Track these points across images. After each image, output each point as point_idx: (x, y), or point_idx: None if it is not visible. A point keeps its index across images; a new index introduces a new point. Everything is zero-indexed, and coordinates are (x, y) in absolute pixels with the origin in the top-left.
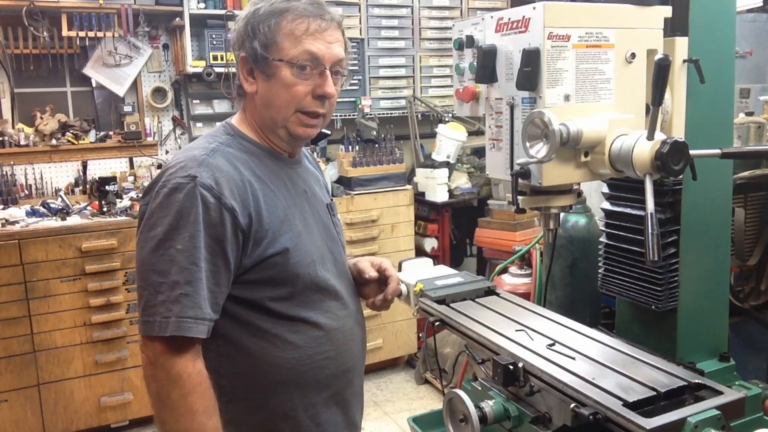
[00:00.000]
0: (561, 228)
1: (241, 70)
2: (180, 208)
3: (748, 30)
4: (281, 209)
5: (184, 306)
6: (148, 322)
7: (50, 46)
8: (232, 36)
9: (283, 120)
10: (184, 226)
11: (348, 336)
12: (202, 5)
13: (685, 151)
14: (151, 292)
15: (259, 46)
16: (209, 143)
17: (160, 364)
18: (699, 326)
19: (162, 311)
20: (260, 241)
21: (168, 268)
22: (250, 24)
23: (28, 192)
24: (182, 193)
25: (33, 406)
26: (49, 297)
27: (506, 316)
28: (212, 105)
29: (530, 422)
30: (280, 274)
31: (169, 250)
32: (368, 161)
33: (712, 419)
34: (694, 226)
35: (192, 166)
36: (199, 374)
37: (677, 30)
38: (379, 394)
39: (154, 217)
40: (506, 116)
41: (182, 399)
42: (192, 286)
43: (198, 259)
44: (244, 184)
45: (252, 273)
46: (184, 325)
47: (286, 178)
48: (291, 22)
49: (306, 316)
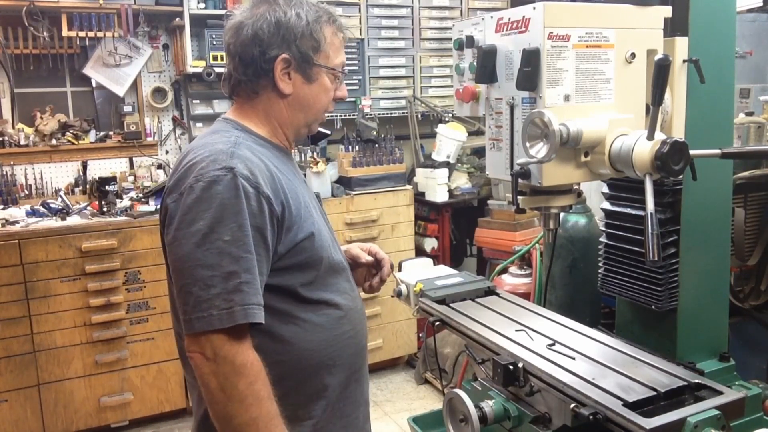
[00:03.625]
0: (561, 228)
1: (277, 68)
2: (222, 200)
3: (748, 30)
4: (300, 196)
5: (247, 294)
6: (202, 318)
7: (50, 46)
8: (248, 34)
9: (314, 121)
10: (229, 217)
11: (360, 314)
12: (202, 5)
13: (685, 151)
14: (201, 287)
15: (309, 50)
16: (228, 137)
17: (222, 357)
18: (699, 326)
19: (219, 304)
20: (291, 227)
21: (218, 261)
22: (295, 25)
23: (28, 192)
24: (221, 185)
25: (33, 406)
26: (49, 297)
27: (506, 316)
28: (212, 105)
29: (530, 422)
30: (309, 258)
31: (216, 242)
32: (368, 161)
33: (712, 419)
34: (694, 226)
35: (224, 159)
36: (259, 361)
37: (677, 30)
38: (379, 394)
39: (192, 212)
40: (506, 116)
41: (249, 387)
42: (250, 273)
43: (250, 246)
44: (272, 173)
45: (284, 259)
46: (251, 311)
47: (292, 167)
48: (335, 32)
49: (329, 298)
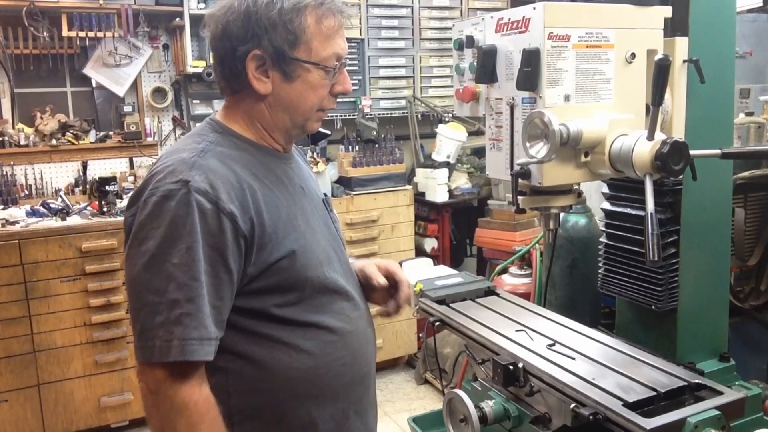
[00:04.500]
0: (561, 228)
1: (249, 67)
2: (173, 217)
3: (748, 30)
4: (283, 209)
5: (187, 327)
6: (146, 347)
7: (50, 46)
8: (218, 29)
9: (304, 121)
10: (179, 238)
11: (362, 338)
12: (202, 5)
13: (685, 151)
14: (147, 313)
15: (284, 44)
16: (197, 143)
17: (163, 392)
18: (699, 326)
19: (161, 334)
20: (264, 246)
21: (164, 286)
22: (265, 16)
23: (28, 192)
24: (174, 200)
25: (33, 406)
26: (49, 297)
27: (506, 316)
28: (212, 105)
29: (530, 422)
30: (288, 279)
31: (164, 265)
32: (368, 161)
33: (712, 419)
34: (694, 226)
35: (182, 170)
36: (207, 401)
37: (677, 30)
38: (379, 394)
39: (144, 230)
40: (506, 116)
41: (190, 429)
42: (194, 303)
43: (198, 273)
44: (242, 185)
45: (258, 281)
46: (189, 348)
47: (282, 174)
48: (320, 19)
49: (318, 321)
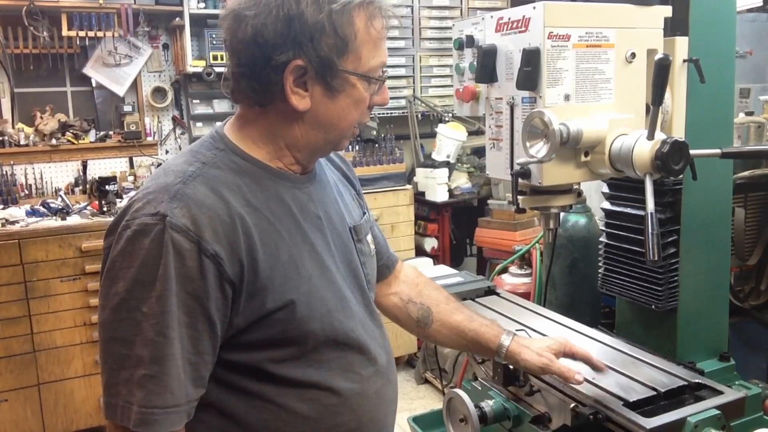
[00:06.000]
0: (561, 228)
1: (288, 79)
2: (144, 258)
3: (748, 30)
4: (284, 248)
5: (150, 392)
6: (110, 405)
7: (50, 45)
8: (246, 32)
9: (339, 138)
10: (149, 284)
11: (374, 401)
12: (202, 5)
13: (685, 151)
14: (112, 365)
15: (332, 53)
16: (189, 163)
17: None
18: (699, 326)
19: (124, 393)
20: (256, 293)
21: (132, 337)
22: (312, 19)
23: (28, 192)
24: (148, 238)
25: (33, 406)
26: (49, 297)
27: (506, 315)
28: (212, 105)
29: (530, 422)
30: (285, 332)
31: (133, 312)
32: (368, 161)
33: (712, 419)
34: (694, 226)
35: (162, 200)
36: None
37: (677, 30)
38: None
39: (115, 269)
40: (506, 116)
41: None
42: (159, 364)
43: (167, 328)
44: (233, 219)
45: (248, 334)
46: (149, 417)
47: (292, 202)
48: (369, 20)
49: (319, 380)
